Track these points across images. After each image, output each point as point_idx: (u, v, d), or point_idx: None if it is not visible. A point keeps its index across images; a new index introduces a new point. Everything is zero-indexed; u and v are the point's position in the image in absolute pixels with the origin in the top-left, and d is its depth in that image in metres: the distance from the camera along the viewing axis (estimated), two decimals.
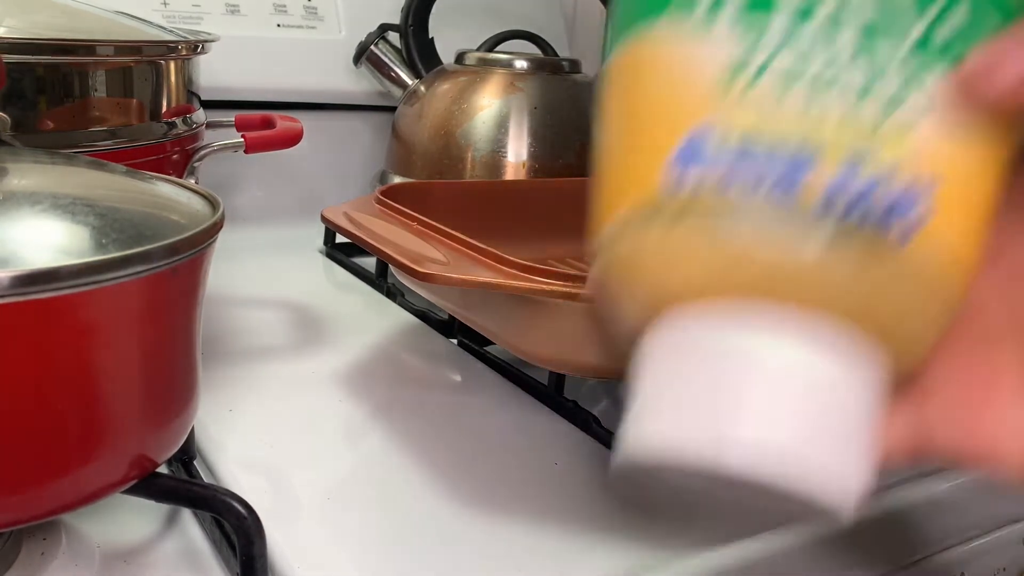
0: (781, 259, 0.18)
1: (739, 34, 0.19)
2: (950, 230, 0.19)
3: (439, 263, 0.41)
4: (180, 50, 0.51)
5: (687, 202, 0.19)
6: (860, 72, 0.18)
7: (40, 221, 0.28)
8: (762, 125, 0.18)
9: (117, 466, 0.30)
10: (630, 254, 0.20)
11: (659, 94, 0.20)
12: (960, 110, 0.18)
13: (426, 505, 0.38)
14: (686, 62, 0.19)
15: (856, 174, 0.18)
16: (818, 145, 0.18)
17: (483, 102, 0.71)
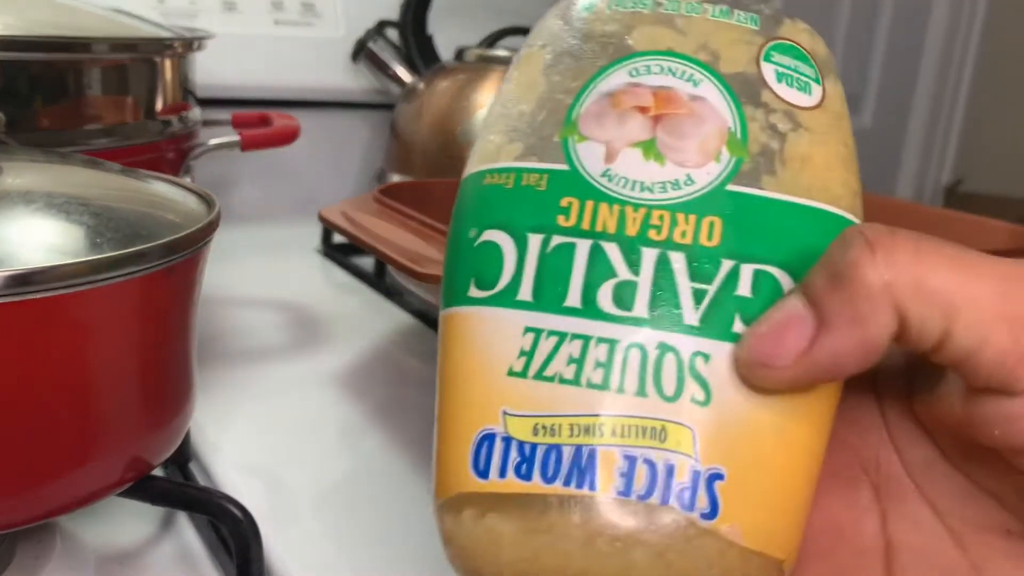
0: (586, 547, 0.18)
1: (528, 322, 0.20)
2: (747, 514, 0.19)
3: (438, 263, 0.41)
4: (176, 47, 0.50)
5: (490, 494, 0.19)
6: (636, 363, 0.19)
7: (35, 220, 0.28)
8: (551, 416, 0.19)
9: (112, 468, 0.30)
10: (449, 539, 0.20)
11: (461, 375, 0.21)
12: (738, 389, 0.19)
13: (424, 508, 0.37)
14: (484, 342, 0.20)
15: (646, 461, 0.19)
16: (607, 436, 0.19)
17: (483, 99, 0.70)
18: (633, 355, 0.19)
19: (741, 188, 0.20)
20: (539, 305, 0.20)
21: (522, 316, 0.20)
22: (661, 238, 0.20)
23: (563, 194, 0.20)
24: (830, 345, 0.18)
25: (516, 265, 0.20)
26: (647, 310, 0.19)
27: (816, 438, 0.20)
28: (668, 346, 0.19)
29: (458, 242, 0.22)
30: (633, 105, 0.21)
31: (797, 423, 0.20)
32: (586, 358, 0.19)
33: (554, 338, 0.20)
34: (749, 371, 0.19)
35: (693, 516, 0.19)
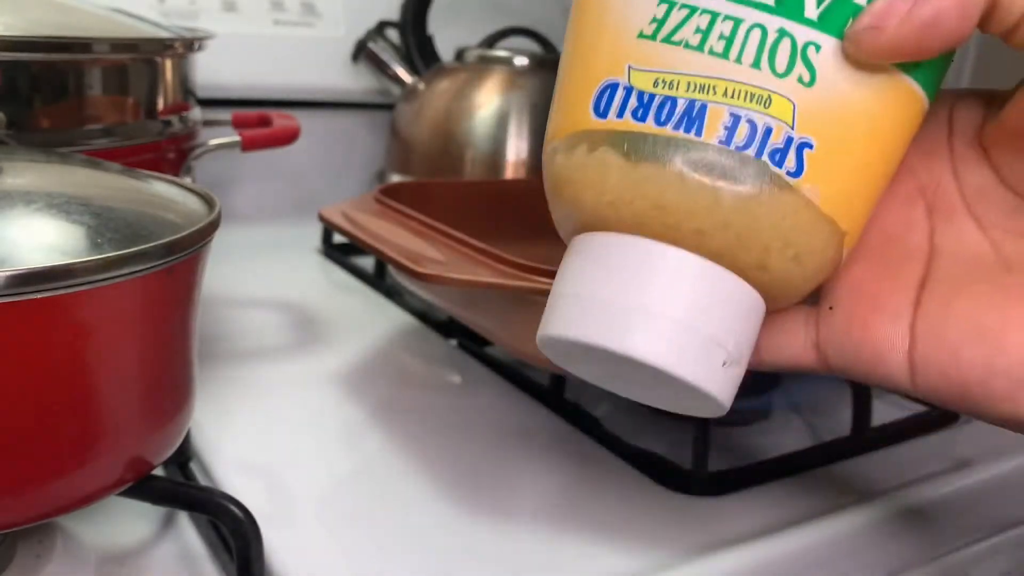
0: (683, 182, 0.21)
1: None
2: (827, 182, 0.22)
3: (438, 263, 0.41)
4: (176, 47, 0.50)
5: (605, 131, 0.22)
6: (756, 41, 0.21)
7: (35, 220, 0.28)
8: (672, 73, 0.22)
9: (113, 468, 0.30)
10: (558, 174, 0.23)
11: (592, 37, 0.23)
12: (841, 75, 0.21)
13: (424, 507, 0.37)
14: (618, 9, 0.23)
15: (749, 120, 0.21)
16: (720, 95, 0.21)
17: (483, 99, 0.70)
18: (754, 34, 0.21)
19: None
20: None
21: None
22: None
23: None
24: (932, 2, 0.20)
25: None
26: (773, 0, 0.21)
27: (898, 133, 0.23)
28: (786, 31, 0.21)
29: None
30: None
31: (884, 114, 0.22)
32: (712, 29, 0.22)
33: (685, 10, 0.22)
34: (858, 38, 0.21)
35: (780, 172, 0.21)
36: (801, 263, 0.22)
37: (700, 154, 0.21)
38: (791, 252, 0.22)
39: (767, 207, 0.21)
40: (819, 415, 0.49)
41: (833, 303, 0.25)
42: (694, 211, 0.21)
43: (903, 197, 0.25)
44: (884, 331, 0.24)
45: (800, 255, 0.22)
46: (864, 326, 0.24)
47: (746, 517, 0.38)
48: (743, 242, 0.22)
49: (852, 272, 0.25)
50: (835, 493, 0.40)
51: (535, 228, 0.61)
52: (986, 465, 0.44)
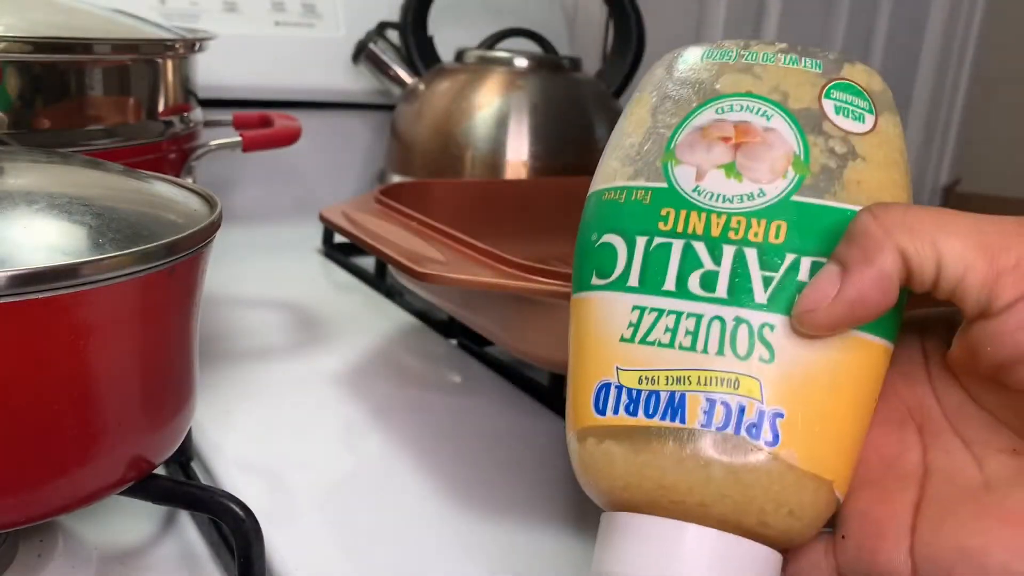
0: (678, 463, 0.24)
1: (636, 301, 0.26)
2: (802, 444, 0.24)
3: (438, 263, 0.41)
4: (177, 48, 0.51)
5: (606, 427, 0.26)
6: (717, 331, 0.25)
7: (36, 221, 0.28)
8: (652, 370, 0.25)
9: (114, 467, 0.30)
10: (578, 460, 0.27)
11: (587, 340, 0.27)
12: (797, 346, 0.25)
13: (425, 507, 0.37)
14: (603, 317, 0.27)
15: (723, 403, 0.24)
16: (695, 384, 0.25)
17: (483, 100, 0.71)
18: (715, 325, 0.25)
19: (803, 199, 0.26)
20: (643, 289, 0.26)
21: (631, 298, 0.26)
22: (738, 237, 0.25)
23: (663, 206, 0.27)
24: (853, 283, 0.23)
25: (627, 259, 0.27)
26: (726, 292, 0.25)
27: (863, 381, 0.25)
28: (742, 319, 0.25)
29: (584, 245, 0.29)
30: (718, 136, 0.27)
31: (845, 369, 0.25)
32: (679, 328, 0.25)
33: (655, 313, 0.26)
34: (799, 320, 0.24)
35: (759, 443, 0.24)
36: (797, 517, 0.25)
37: (687, 439, 0.24)
38: (785, 510, 0.24)
39: (753, 476, 0.24)
40: None
41: (845, 532, 0.26)
42: (692, 487, 0.24)
43: (895, 421, 0.27)
44: (889, 557, 0.25)
45: (794, 511, 0.25)
46: (872, 553, 0.25)
47: None
48: (741, 508, 0.24)
49: (858, 499, 0.26)
50: None
51: (535, 228, 0.61)
52: None
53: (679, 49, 0.30)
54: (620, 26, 0.82)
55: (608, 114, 0.74)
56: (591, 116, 0.73)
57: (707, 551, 0.24)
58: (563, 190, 0.64)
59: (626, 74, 0.81)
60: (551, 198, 0.63)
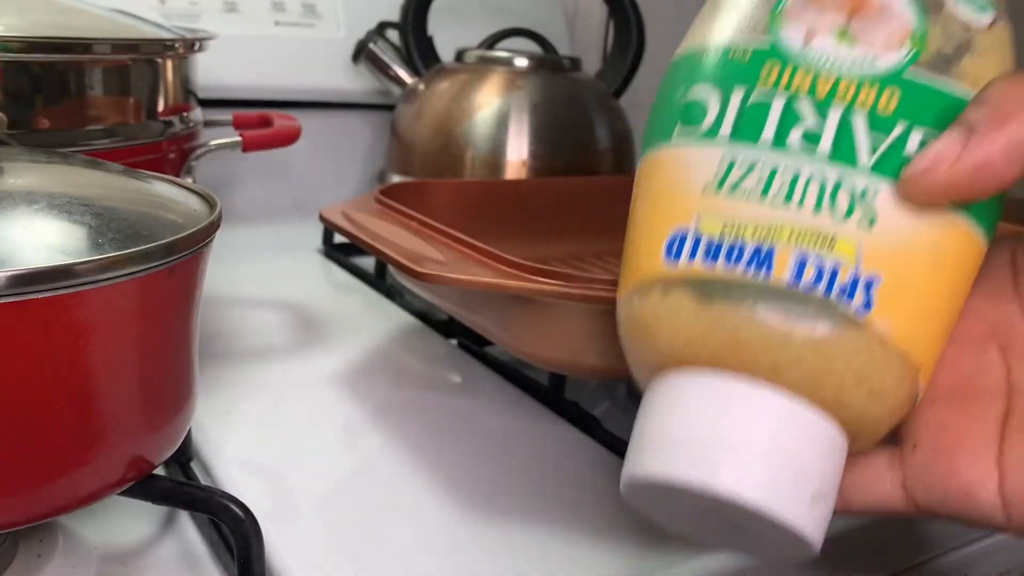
0: (755, 321, 0.22)
1: (726, 152, 0.24)
2: (896, 316, 0.23)
3: (438, 263, 0.41)
4: (177, 48, 0.51)
5: (678, 276, 0.24)
6: (816, 188, 0.23)
7: (36, 220, 0.28)
8: (739, 220, 0.23)
9: (114, 468, 0.30)
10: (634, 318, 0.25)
11: (661, 192, 0.25)
12: (901, 215, 0.23)
13: (425, 507, 0.37)
14: (685, 168, 0.25)
15: (815, 262, 0.22)
16: (786, 239, 0.23)
17: (483, 100, 0.71)
18: (814, 182, 0.23)
19: (917, 75, 0.24)
20: (737, 138, 0.24)
21: (720, 149, 0.24)
22: (846, 101, 0.24)
23: (766, 61, 0.25)
24: (981, 146, 0.22)
25: (719, 110, 0.25)
26: (830, 150, 0.23)
27: (960, 269, 0.24)
28: (844, 179, 0.23)
29: (665, 104, 0.27)
30: (832, 1, 0.25)
31: (945, 250, 0.23)
32: (773, 180, 0.23)
33: (747, 164, 0.24)
34: (913, 181, 0.22)
35: (850, 310, 0.22)
36: (877, 399, 0.23)
37: (769, 296, 0.22)
38: (866, 388, 0.23)
39: (837, 345, 0.22)
40: None
41: (916, 441, 0.25)
42: (768, 347, 0.22)
43: (975, 342, 0.26)
44: (971, 467, 0.24)
45: (875, 391, 0.23)
46: (950, 462, 0.24)
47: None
48: (817, 378, 0.22)
49: (932, 411, 0.25)
50: None
51: (535, 228, 0.61)
52: None
53: None
54: (620, 26, 0.82)
55: (608, 114, 0.74)
56: (591, 116, 0.73)
57: (773, 417, 0.22)
58: (563, 190, 0.64)
59: (626, 74, 0.81)
60: (551, 198, 0.63)
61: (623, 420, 0.47)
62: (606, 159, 0.73)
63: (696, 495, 0.22)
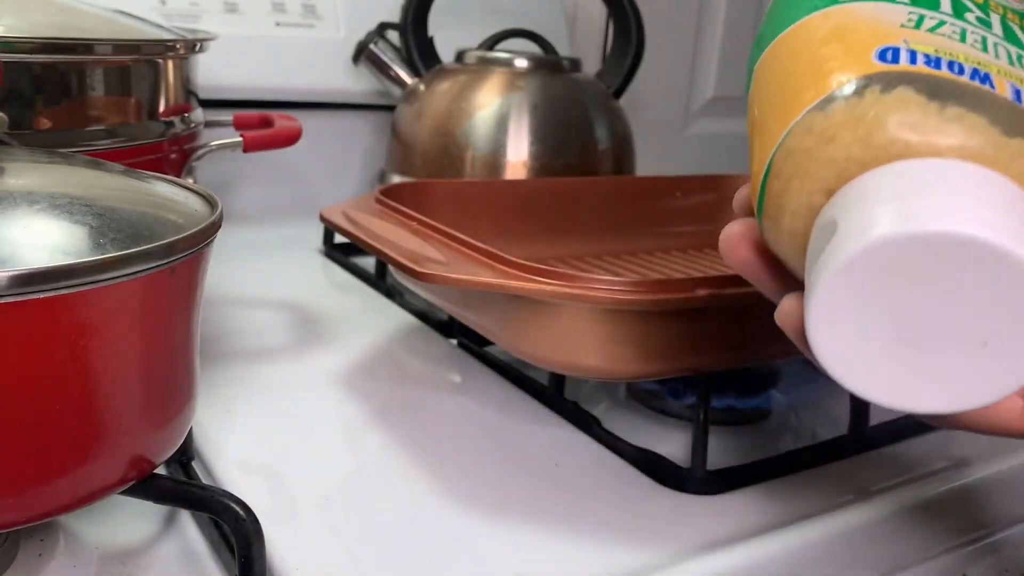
0: (980, 118, 0.22)
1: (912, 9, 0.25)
2: None
3: (438, 263, 0.41)
4: (178, 49, 0.51)
5: (901, 72, 0.23)
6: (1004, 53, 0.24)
7: (37, 221, 0.28)
8: (952, 49, 0.23)
9: (115, 467, 0.30)
10: (837, 118, 0.23)
11: (848, 30, 0.25)
12: None
13: (425, 506, 0.38)
14: (872, 15, 0.25)
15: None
16: (995, 71, 0.23)
17: (483, 101, 0.71)
18: (1001, 48, 0.24)
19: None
20: (918, 4, 0.25)
21: (905, 6, 0.25)
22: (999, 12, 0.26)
23: None
24: None
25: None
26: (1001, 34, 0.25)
27: None
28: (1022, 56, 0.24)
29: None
30: None
31: None
32: (967, 36, 0.24)
33: (937, 20, 0.24)
34: None
35: None
36: None
37: (999, 105, 0.22)
38: None
39: None
40: (817, 414, 0.50)
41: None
42: (998, 157, 0.22)
43: None
44: None
45: None
46: None
47: (744, 515, 0.38)
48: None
49: None
50: (833, 492, 0.40)
51: (535, 228, 0.61)
52: (983, 464, 0.44)
53: None
54: (620, 26, 0.82)
55: (608, 114, 0.74)
56: (591, 116, 0.73)
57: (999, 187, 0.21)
58: (563, 190, 0.64)
59: (626, 74, 0.81)
60: (551, 198, 0.63)
61: (623, 420, 0.47)
62: (606, 159, 0.73)
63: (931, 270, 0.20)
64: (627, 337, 0.39)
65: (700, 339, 0.41)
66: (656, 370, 0.41)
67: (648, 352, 0.40)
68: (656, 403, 0.48)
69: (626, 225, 0.65)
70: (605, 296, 0.38)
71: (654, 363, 0.40)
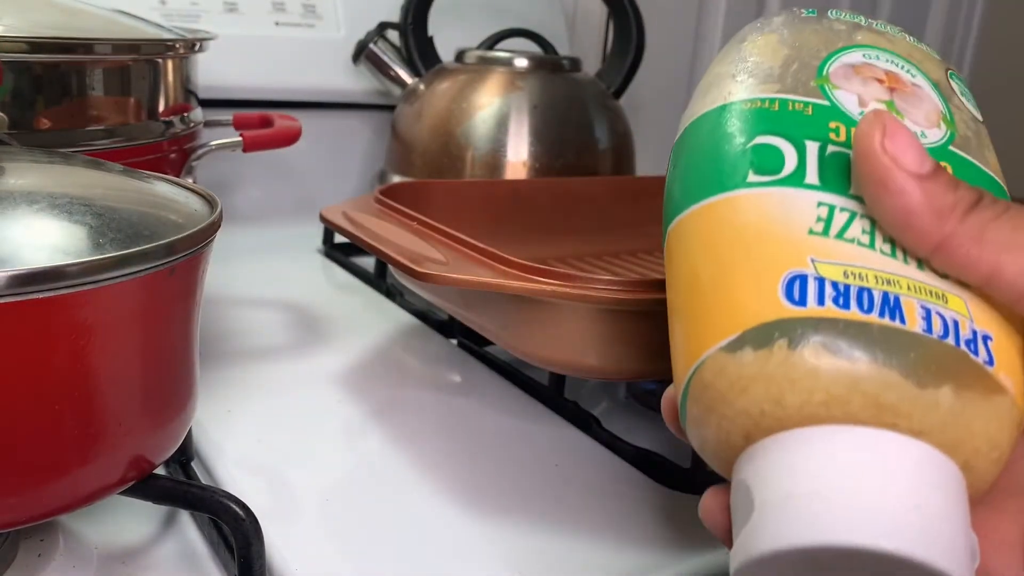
0: (905, 380, 0.21)
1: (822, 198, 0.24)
2: (1012, 374, 0.22)
3: (438, 263, 0.41)
4: (178, 49, 0.51)
5: (809, 318, 0.22)
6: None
7: (37, 220, 0.28)
8: (857, 266, 0.22)
9: (115, 467, 0.30)
10: (745, 372, 0.22)
11: (755, 235, 0.24)
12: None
13: (425, 506, 0.38)
14: (778, 211, 0.24)
15: (938, 313, 0.22)
16: (905, 289, 0.22)
17: (483, 100, 0.71)
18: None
19: (957, 151, 0.26)
20: (827, 188, 0.24)
21: (812, 194, 0.24)
22: None
23: (830, 119, 0.25)
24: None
25: (798, 159, 0.25)
26: None
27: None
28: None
29: (721, 147, 0.26)
30: (871, 76, 0.27)
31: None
32: (875, 233, 0.23)
33: (846, 213, 0.23)
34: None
35: (979, 361, 0.21)
36: (999, 463, 0.22)
37: (912, 344, 0.21)
38: (996, 455, 0.22)
39: (981, 408, 0.21)
40: None
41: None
42: (912, 412, 0.21)
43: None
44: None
45: (1001, 456, 0.22)
46: None
47: None
48: (957, 445, 0.21)
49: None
50: None
51: (535, 228, 0.61)
52: None
53: (794, 8, 0.31)
54: (620, 26, 0.82)
55: (608, 114, 0.74)
56: (591, 116, 0.73)
57: (930, 471, 0.21)
58: (563, 190, 0.64)
59: (626, 74, 0.81)
60: (551, 198, 0.63)
61: (622, 419, 0.47)
62: (606, 159, 0.73)
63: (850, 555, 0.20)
64: (627, 337, 0.39)
65: None
66: (656, 370, 0.41)
67: (648, 352, 0.40)
68: (656, 403, 0.48)
69: (626, 225, 0.65)
70: (605, 296, 0.38)
71: (654, 363, 0.40)
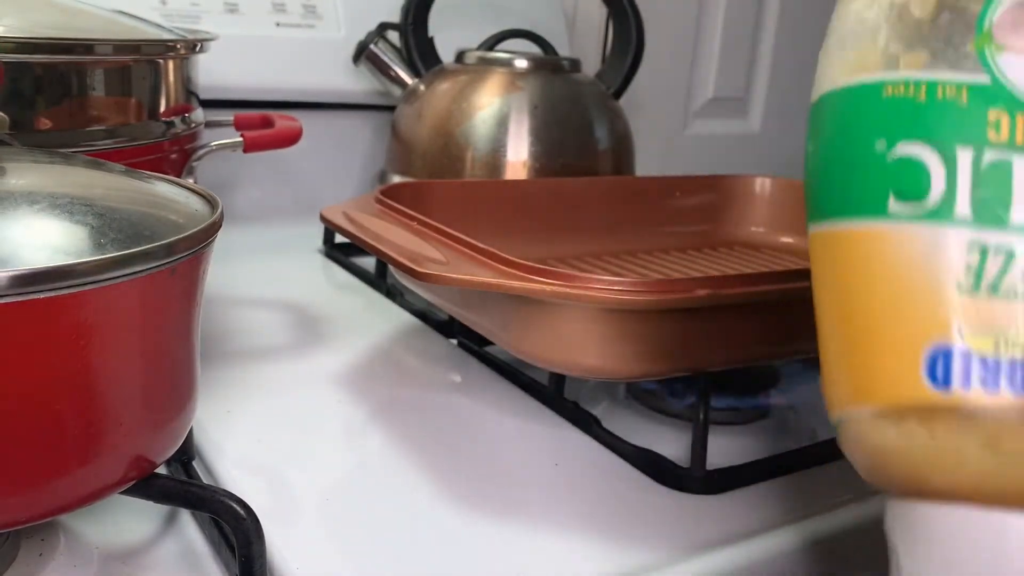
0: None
1: (973, 238, 0.20)
2: None
3: (439, 263, 0.41)
4: (179, 49, 0.51)
5: (952, 407, 0.20)
6: None
7: (38, 221, 0.28)
8: (1016, 332, 0.19)
9: (115, 467, 0.30)
10: (886, 445, 0.21)
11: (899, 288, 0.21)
12: None
13: (425, 506, 0.38)
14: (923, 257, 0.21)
15: None
16: None
17: (483, 101, 0.71)
18: None
19: None
20: (981, 221, 0.20)
21: (963, 233, 0.20)
22: None
23: (990, 106, 0.20)
24: None
25: (946, 180, 0.21)
26: None
27: None
28: None
29: (858, 152, 0.22)
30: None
31: None
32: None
33: (1003, 255, 0.20)
34: None
35: None
36: None
37: None
38: None
39: None
40: (817, 414, 0.50)
41: None
42: None
43: None
44: None
45: None
46: None
47: (744, 515, 0.38)
48: None
49: None
50: (832, 491, 0.40)
51: (535, 228, 0.61)
52: None
53: None
54: (620, 26, 0.82)
55: (608, 114, 0.75)
56: (591, 117, 0.73)
57: None
58: (563, 190, 0.64)
59: (626, 74, 0.81)
60: (551, 198, 0.63)
61: (622, 419, 0.47)
62: (606, 159, 0.73)
63: None
64: (627, 337, 0.39)
65: (700, 339, 0.41)
66: (656, 370, 0.41)
67: (648, 352, 0.40)
68: (656, 403, 0.48)
69: (626, 225, 0.65)
70: (605, 296, 0.38)
71: (654, 363, 0.40)
